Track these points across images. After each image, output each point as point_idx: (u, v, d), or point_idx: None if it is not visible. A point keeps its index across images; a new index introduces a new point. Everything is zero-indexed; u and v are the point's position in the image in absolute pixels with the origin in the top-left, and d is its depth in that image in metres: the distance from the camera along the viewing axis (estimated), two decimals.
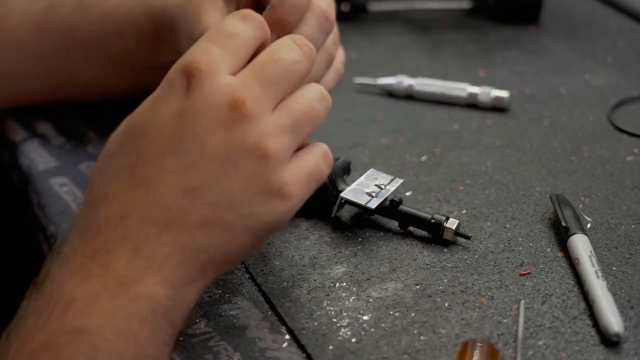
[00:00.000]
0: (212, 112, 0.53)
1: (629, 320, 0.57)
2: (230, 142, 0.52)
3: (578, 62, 0.91)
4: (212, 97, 0.53)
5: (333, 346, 0.56)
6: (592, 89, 0.86)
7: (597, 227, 0.66)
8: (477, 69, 0.90)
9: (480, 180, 0.72)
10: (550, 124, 0.80)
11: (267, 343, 0.57)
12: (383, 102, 0.85)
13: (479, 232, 0.66)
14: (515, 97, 0.84)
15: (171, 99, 0.54)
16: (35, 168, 0.76)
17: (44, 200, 0.72)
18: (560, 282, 0.61)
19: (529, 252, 0.64)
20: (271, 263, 0.63)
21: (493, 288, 0.60)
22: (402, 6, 1.02)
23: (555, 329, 0.57)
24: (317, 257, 0.64)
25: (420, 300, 0.60)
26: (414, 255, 0.64)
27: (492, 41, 0.96)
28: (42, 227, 0.70)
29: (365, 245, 0.65)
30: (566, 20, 1.00)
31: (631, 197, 0.69)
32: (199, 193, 0.52)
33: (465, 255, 0.64)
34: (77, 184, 0.73)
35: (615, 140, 0.77)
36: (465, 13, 1.01)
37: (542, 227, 0.66)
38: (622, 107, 0.82)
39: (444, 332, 0.57)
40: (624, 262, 0.62)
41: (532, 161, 0.74)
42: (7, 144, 0.80)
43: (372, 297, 0.60)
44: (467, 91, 0.83)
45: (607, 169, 0.73)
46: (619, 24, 0.98)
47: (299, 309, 0.59)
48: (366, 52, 0.95)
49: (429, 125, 0.81)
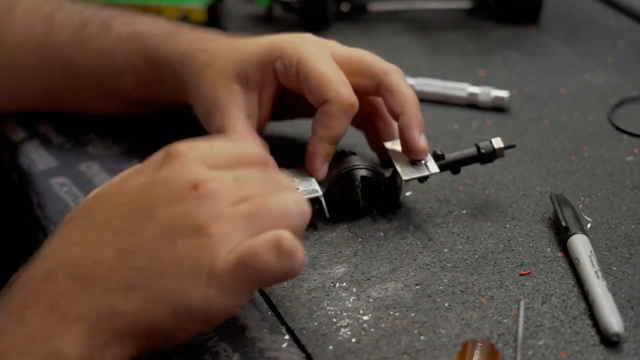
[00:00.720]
0: (173, 186, 0.52)
1: (629, 320, 0.57)
2: (179, 215, 0.51)
3: (578, 62, 0.91)
4: (178, 174, 0.52)
5: (333, 346, 0.56)
6: (592, 89, 0.86)
7: (597, 227, 0.66)
8: (477, 69, 0.90)
9: (480, 180, 0.72)
10: (550, 124, 0.80)
11: (267, 343, 0.57)
12: None
13: (479, 232, 0.66)
14: (515, 97, 0.84)
15: (142, 174, 0.54)
16: (35, 168, 0.76)
17: (44, 200, 0.72)
18: (560, 282, 0.61)
19: (529, 252, 0.64)
20: None
21: (493, 288, 0.60)
22: (402, 6, 1.02)
23: (555, 329, 0.57)
24: (317, 257, 0.64)
25: (420, 300, 0.60)
26: (414, 255, 0.64)
27: (492, 41, 0.96)
28: (42, 227, 0.70)
29: (365, 245, 0.65)
30: (566, 20, 1.00)
31: (631, 197, 0.69)
32: (131, 257, 0.51)
33: (465, 255, 0.64)
34: (77, 184, 0.73)
35: (615, 140, 0.77)
36: (465, 13, 1.01)
37: (542, 227, 0.66)
38: (622, 107, 0.82)
39: (444, 332, 0.57)
40: (624, 262, 0.62)
41: (532, 161, 0.74)
42: (7, 144, 0.80)
43: (372, 297, 0.60)
44: (467, 91, 0.83)
45: (607, 169, 0.73)
46: (619, 24, 0.98)
47: (299, 309, 0.59)
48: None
49: (429, 125, 0.80)
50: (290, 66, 0.66)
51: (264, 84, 0.68)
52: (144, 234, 0.51)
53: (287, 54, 0.66)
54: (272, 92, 0.69)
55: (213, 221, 0.51)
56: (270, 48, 0.67)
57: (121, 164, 0.76)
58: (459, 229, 0.66)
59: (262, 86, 0.68)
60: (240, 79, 0.67)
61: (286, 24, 1.00)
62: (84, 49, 0.76)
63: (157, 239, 0.51)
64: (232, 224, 0.51)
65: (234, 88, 0.67)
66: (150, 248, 0.51)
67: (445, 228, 0.66)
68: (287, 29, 0.99)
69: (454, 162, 0.67)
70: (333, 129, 0.66)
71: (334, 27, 0.99)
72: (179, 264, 0.51)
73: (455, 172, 0.68)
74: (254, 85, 0.68)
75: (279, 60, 0.67)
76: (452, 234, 0.66)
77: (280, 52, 0.67)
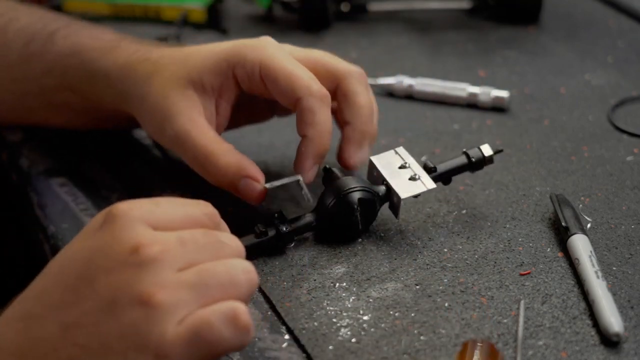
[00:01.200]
0: (112, 251, 0.49)
1: (629, 320, 0.57)
2: (120, 284, 0.48)
3: (578, 62, 0.91)
4: (117, 236, 0.49)
5: (333, 346, 0.56)
6: (592, 89, 0.86)
7: (597, 227, 0.66)
8: (477, 69, 0.90)
9: (480, 180, 0.72)
10: (550, 124, 0.80)
11: (267, 343, 0.57)
12: (383, 102, 0.85)
13: (479, 232, 0.66)
14: (515, 97, 0.84)
15: (83, 238, 0.51)
16: (35, 168, 0.76)
17: (44, 200, 0.72)
18: (560, 282, 0.61)
19: (529, 252, 0.64)
20: (271, 263, 0.63)
21: (493, 288, 0.60)
22: (402, 6, 1.02)
23: (555, 329, 0.57)
24: (317, 257, 0.64)
25: (420, 300, 0.60)
26: (414, 255, 0.64)
27: (492, 41, 0.96)
28: (42, 227, 0.70)
29: (365, 245, 0.65)
30: (566, 20, 1.00)
31: (631, 197, 0.69)
32: (74, 331, 0.48)
33: (465, 255, 0.64)
34: (77, 184, 0.73)
35: (615, 140, 0.77)
36: (465, 13, 1.01)
37: (542, 227, 0.66)
38: (622, 107, 0.82)
39: (444, 332, 0.57)
40: (624, 262, 0.62)
41: (532, 161, 0.74)
42: (6, 144, 0.80)
43: (372, 297, 0.60)
44: (467, 91, 0.83)
45: (607, 169, 0.73)
46: (619, 24, 0.98)
47: (299, 309, 0.59)
48: (366, 52, 0.95)
49: (429, 125, 0.81)
50: (253, 71, 0.64)
51: (222, 90, 0.66)
52: (85, 306, 0.48)
53: (248, 59, 0.64)
54: (232, 99, 0.67)
55: (157, 289, 0.47)
56: (228, 54, 0.65)
57: (121, 164, 0.76)
58: (459, 229, 0.66)
59: (219, 92, 0.66)
60: (195, 84, 0.65)
61: (286, 24, 1.00)
62: (30, 66, 0.74)
63: (98, 311, 0.48)
64: (179, 292, 0.48)
65: (187, 93, 0.65)
66: (92, 322, 0.48)
67: (445, 228, 0.66)
68: (287, 29, 0.99)
69: (446, 173, 0.67)
70: (318, 123, 0.64)
71: (334, 27, 0.99)
72: (123, 338, 0.47)
73: (447, 182, 0.67)
74: (210, 92, 0.65)
75: (240, 67, 0.65)
76: (452, 234, 0.66)
77: (241, 57, 0.65)
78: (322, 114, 0.64)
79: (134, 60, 0.69)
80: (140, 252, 0.48)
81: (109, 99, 0.70)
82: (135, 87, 0.67)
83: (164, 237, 0.49)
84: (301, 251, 0.64)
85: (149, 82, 0.66)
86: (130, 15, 1.05)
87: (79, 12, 1.05)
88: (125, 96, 0.68)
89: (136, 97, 0.67)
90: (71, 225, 0.69)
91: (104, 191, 0.72)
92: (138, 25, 1.03)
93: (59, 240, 0.68)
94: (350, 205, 0.64)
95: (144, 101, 0.67)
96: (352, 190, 0.64)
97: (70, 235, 0.68)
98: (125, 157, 0.76)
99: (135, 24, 1.03)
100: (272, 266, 0.63)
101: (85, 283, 0.48)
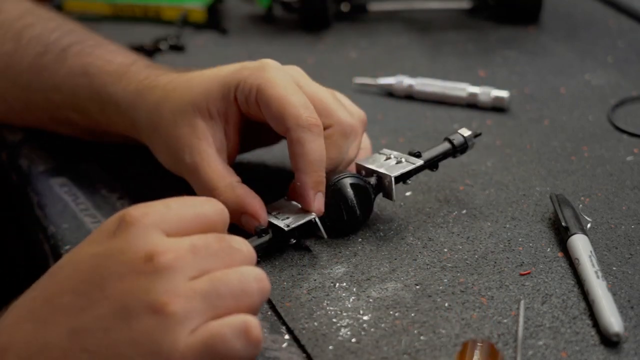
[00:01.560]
0: (125, 258, 0.48)
1: (629, 320, 0.57)
2: (133, 291, 0.48)
3: (578, 62, 0.91)
4: (131, 243, 0.49)
5: (333, 346, 0.56)
6: (592, 89, 0.86)
7: (597, 227, 0.66)
8: (477, 69, 0.90)
9: (480, 180, 0.72)
10: (550, 124, 0.80)
11: (267, 343, 0.57)
12: (383, 102, 0.85)
13: (479, 232, 0.66)
14: (515, 97, 0.84)
15: (94, 243, 0.51)
16: (35, 168, 0.76)
17: (44, 201, 0.72)
18: (560, 282, 0.61)
19: (529, 252, 0.64)
20: (271, 263, 0.63)
21: (493, 288, 0.60)
22: (402, 6, 1.02)
23: (555, 329, 0.57)
24: (317, 257, 0.64)
25: (420, 300, 0.60)
26: (414, 255, 0.64)
27: (492, 41, 0.96)
28: (42, 227, 0.70)
29: (365, 245, 0.65)
30: (566, 20, 1.00)
31: (631, 197, 0.69)
32: (84, 337, 0.48)
33: (465, 255, 0.64)
34: (77, 184, 0.73)
35: (615, 140, 0.77)
36: (465, 13, 1.01)
37: (542, 227, 0.66)
38: (622, 107, 0.82)
39: (444, 332, 0.57)
40: (624, 262, 0.62)
41: (532, 161, 0.75)
42: (6, 144, 0.80)
43: (372, 297, 0.60)
44: (467, 91, 0.83)
45: (607, 169, 0.73)
46: (619, 24, 0.98)
47: (299, 309, 0.59)
48: (366, 52, 0.95)
49: (429, 125, 0.81)
50: (250, 94, 0.63)
51: (228, 114, 0.65)
52: (96, 312, 0.48)
53: (247, 82, 0.63)
54: (237, 123, 0.65)
55: (171, 298, 0.47)
56: (230, 78, 0.64)
57: (121, 164, 0.76)
58: (459, 229, 0.66)
59: (226, 117, 0.65)
60: (201, 111, 0.64)
61: (286, 24, 1.00)
62: (40, 79, 0.74)
63: (109, 318, 0.48)
64: (192, 301, 0.48)
65: (195, 122, 0.64)
66: (102, 328, 0.47)
67: (445, 228, 0.66)
68: (287, 29, 0.99)
69: (431, 159, 0.67)
70: (307, 154, 0.62)
71: (334, 27, 1.00)
72: (134, 345, 0.47)
73: (433, 168, 0.67)
74: (217, 118, 0.65)
75: (239, 90, 0.64)
76: (452, 234, 0.66)
77: (240, 80, 0.64)
78: (311, 143, 0.62)
79: (143, 87, 0.68)
80: (154, 260, 0.48)
81: (119, 125, 0.70)
82: (145, 115, 0.67)
83: (177, 244, 0.49)
84: (301, 251, 0.64)
85: (159, 112, 0.66)
86: (130, 15, 1.05)
87: (79, 12, 1.05)
88: (135, 124, 0.69)
89: (147, 127, 0.67)
90: (71, 225, 0.69)
91: (104, 191, 0.72)
92: (138, 25, 1.03)
93: (59, 241, 0.68)
94: (343, 191, 0.64)
95: (154, 131, 0.67)
96: (342, 177, 0.65)
97: (70, 235, 0.68)
98: (125, 157, 0.76)
99: (135, 24, 1.04)
100: (272, 266, 0.63)
101: (97, 289, 0.48)
